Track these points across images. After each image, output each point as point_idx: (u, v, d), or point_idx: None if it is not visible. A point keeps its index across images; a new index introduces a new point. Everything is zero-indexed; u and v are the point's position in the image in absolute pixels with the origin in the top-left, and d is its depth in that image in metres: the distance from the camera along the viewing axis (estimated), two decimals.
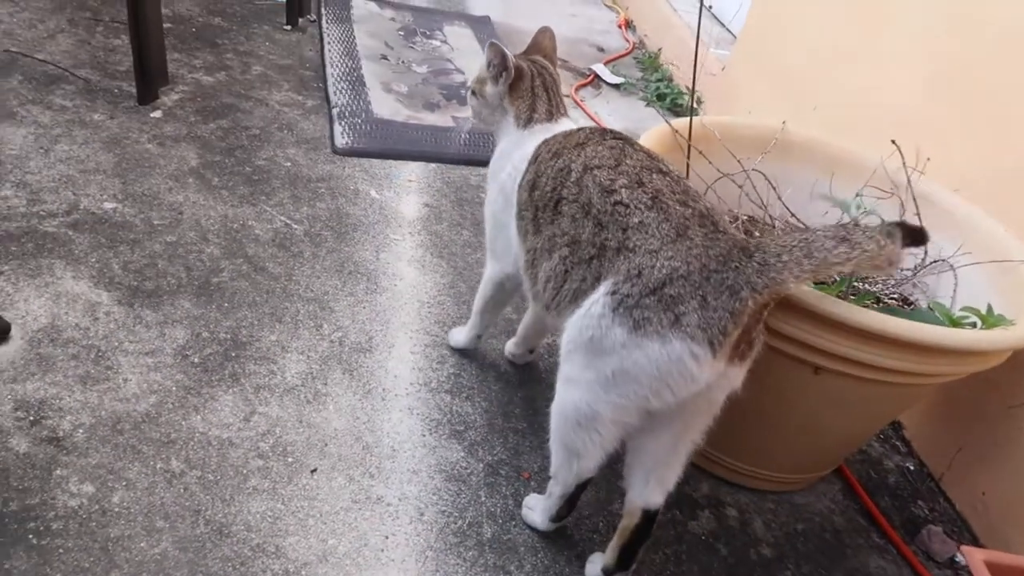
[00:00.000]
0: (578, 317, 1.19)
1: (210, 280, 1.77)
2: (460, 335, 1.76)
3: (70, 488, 1.29)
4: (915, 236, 1.10)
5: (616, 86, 3.39)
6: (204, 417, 1.47)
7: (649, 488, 1.29)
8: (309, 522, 1.33)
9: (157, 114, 2.31)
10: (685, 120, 1.71)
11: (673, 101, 3.27)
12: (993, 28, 1.79)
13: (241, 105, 2.47)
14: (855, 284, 1.59)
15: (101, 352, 1.54)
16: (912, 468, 1.79)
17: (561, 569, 1.37)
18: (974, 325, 1.36)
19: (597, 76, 3.41)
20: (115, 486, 1.31)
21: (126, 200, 1.95)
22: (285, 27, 3.08)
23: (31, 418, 1.38)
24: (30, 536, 1.20)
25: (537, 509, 1.41)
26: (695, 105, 3.17)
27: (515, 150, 1.49)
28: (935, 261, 1.61)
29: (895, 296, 1.63)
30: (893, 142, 1.65)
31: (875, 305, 1.53)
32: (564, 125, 1.50)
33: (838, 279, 1.56)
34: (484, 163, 2.50)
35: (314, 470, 1.42)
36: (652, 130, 1.69)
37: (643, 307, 1.11)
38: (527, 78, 1.52)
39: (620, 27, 4.07)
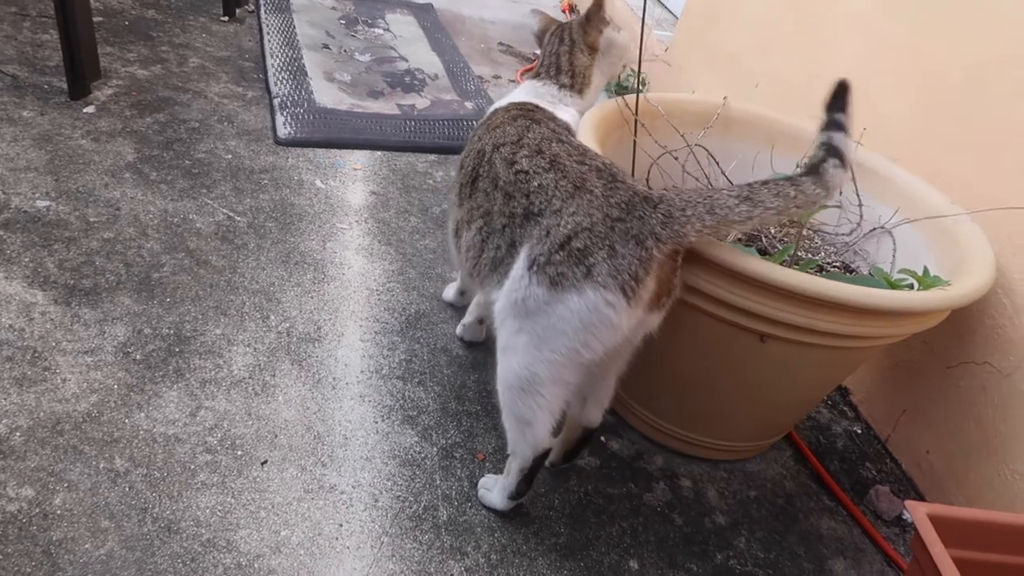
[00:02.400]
0: (506, 286, 1.24)
1: (151, 276, 1.73)
2: (449, 291, 1.86)
3: (8, 492, 1.24)
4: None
5: None
6: (148, 414, 1.43)
7: (587, 409, 1.40)
8: (261, 514, 1.31)
9: (90, 109, 2.24)
10: (630, 97, 1.72)
11: (618, 83, 3.28)
12: (923, 2, 1.83)
13: (178, 98, 2.41)
14: (799, 253, 1.62)
15: (38, 353, 1.49)
16: (860, 432, 1.83)
17: (518, 547, 1.37)
18: (912, 287, 1.40)
19: None
20: (56, 488, 1.27)
21: (60, 197, 1.89)
22: (222, 18, 3.01)
23: None
24: None
25: (495, 489, 1.41)
26: (640, 86, 3.19)
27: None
28: (874, 228, 1.64)
29: (837, 264, 1.66)
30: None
31: (818, 273, 1.56)
32: (528, 84, 1.57)
33: (780, 249, 1.59)
34: (431, 149, 2.50)
35: (264, 462, 1.40)
36: (598, 106, 1.69)
37: (555, 263, 1.16)
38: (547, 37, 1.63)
39: (564, 11, 4.06)
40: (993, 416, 1.53)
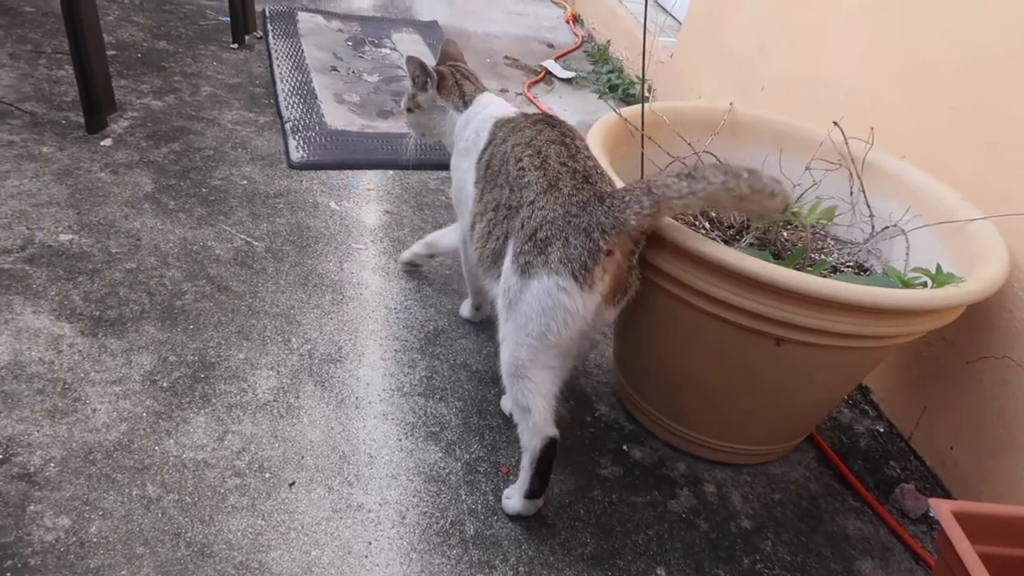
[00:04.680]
0: (501, 279, 1.36)
1: (173, 304, 1.76)
2: (465, 308, 1.90)
3: (45, 523, 1.27)
4: None
5: (568, 81, 3.41)
6: (177, 440, 1.46)
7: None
8: (291, 535, 1.33)
9: (107, 142, 2.29)
10: (635, 108, 1.74)
11: (625, 91, 3.30)
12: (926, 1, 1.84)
13: (193, 127, 2.46)
14: (812, 255, 1.62)
15: (67, 384, 1.52)
16: (882, 430, 1.83)
17: (545, 558, 1.38)
18: (925, 285, 1.40)
19: (548, 72, 3.44)
20: (91, 517, 1.30)
21: (82, 231, 1.93)
22: (232, 46, 3.07)
23: (0, 457, 1.36)
24: (8, 575, 1.19)
25: (515, 496, 1.43)
26: (647, 93, 3.21)
27: (466, 127, 1.65)
28: (886, 227, 1.65)
29: (851, 264, 1.67)
30: (836, 124, 1.69)
31: (832, 274, 1.57)
32: (487, 96, 1.68)
33: (793, 252, 1.60)
34: (442, 167, 2.52)
35: (292, 483, 1.42)
36: (601, 120, 1.71)
37: (526, 252, 1.30)
38: (448, 76, 1.70)
39: (568, 22, 4.10)
40: (1016, 409, 1.53)
